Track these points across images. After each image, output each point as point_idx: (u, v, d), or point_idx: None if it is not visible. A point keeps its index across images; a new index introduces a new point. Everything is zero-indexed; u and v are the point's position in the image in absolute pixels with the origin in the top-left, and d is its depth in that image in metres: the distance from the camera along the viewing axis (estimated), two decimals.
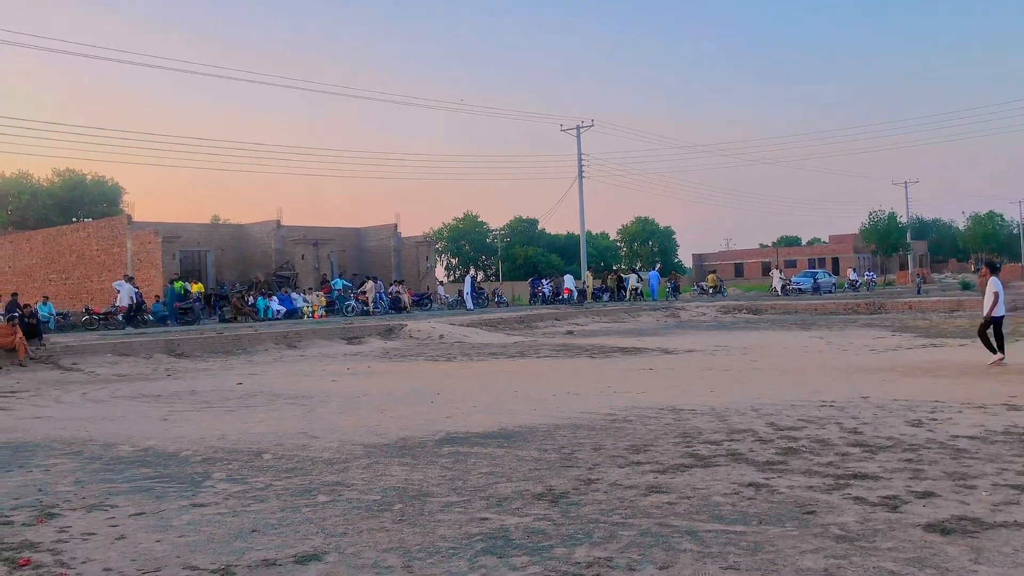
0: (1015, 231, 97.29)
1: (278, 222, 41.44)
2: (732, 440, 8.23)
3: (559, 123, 53.83)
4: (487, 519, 5.70)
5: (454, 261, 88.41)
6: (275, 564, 4.90)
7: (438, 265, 77.80)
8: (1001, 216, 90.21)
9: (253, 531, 5.62)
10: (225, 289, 35.51)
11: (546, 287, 43.84)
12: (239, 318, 30.74)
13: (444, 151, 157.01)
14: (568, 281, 43.73)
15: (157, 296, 31.54)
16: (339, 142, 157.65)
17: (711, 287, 52.13)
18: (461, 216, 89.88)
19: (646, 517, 5.60)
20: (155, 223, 37.93)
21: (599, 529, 5.36)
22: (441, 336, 24.49)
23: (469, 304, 37.97)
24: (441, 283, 45.35)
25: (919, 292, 46.93)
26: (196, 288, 32.76)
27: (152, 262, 34.74)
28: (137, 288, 29.48)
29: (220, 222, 61.70)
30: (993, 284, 14.73)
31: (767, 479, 6.56)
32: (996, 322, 14.62)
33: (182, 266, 36.66)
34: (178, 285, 31.33)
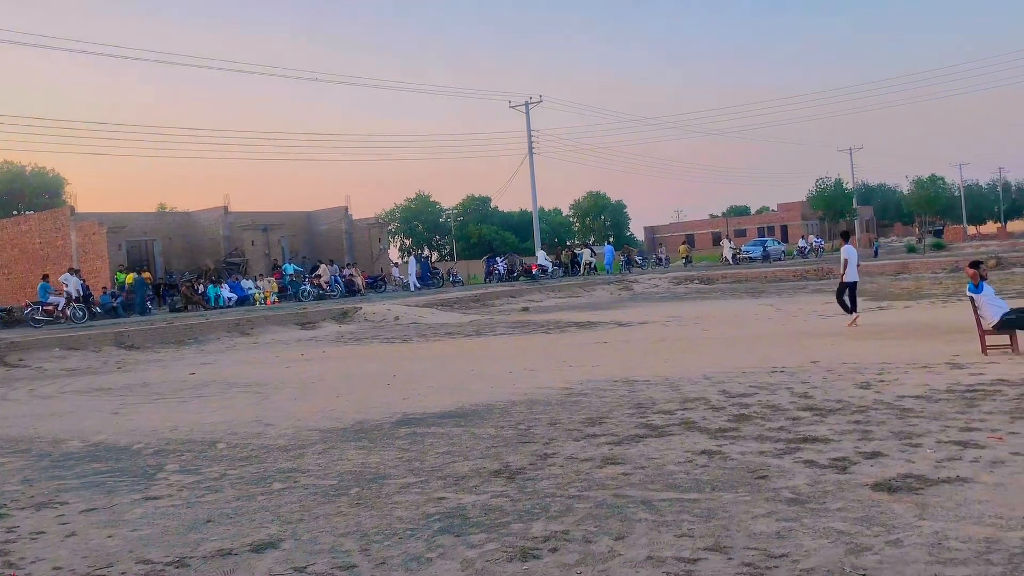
0: (957, 194, 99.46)
1: (225, 208, 40.78)
2: (685, 409, 8.33)
3: (508, 100, 53.61)
4: (444, 498, 5.70)
5: (408, 242, 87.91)
6: (231, 554, 4.86)
7: (391, 246, 77.37)
8: (943, 179, 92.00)
9: (208, 522, 5.56)
10: (174, 278, 34.92)
11: (500, 265, 43.85)
12: (189, 307, 30.29)
13: (394, 131, 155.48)
14: (540, 258, 44.73)
15: (104, 288, 30.92)
16: (286, 125, 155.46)
17: (683, 258, 53.31)
18: (413, 196, 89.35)
19: (602, 489, 5.66)
20: (99, 214, 37.09)
21: (556, 503, 5.39)
22: (396, 318, 24.38)
23: (413, 285, 37.88)
24: (395, 265, 45.09)
25: (876, 255, 47.93)
26: (143, 277, 32.18)
27: (98, 253, 33.99)
28: (83, 280, 28.87)
29: (167, 211, 60.50)
30: (844, 252, 15.95)
31: (720, 446, 6.66)
32: (850, 286, 15.61)
33: (129, 257, 35.95)
34: (125, 276, 30.73)
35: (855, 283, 15.79)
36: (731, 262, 50.42)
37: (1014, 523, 4.46)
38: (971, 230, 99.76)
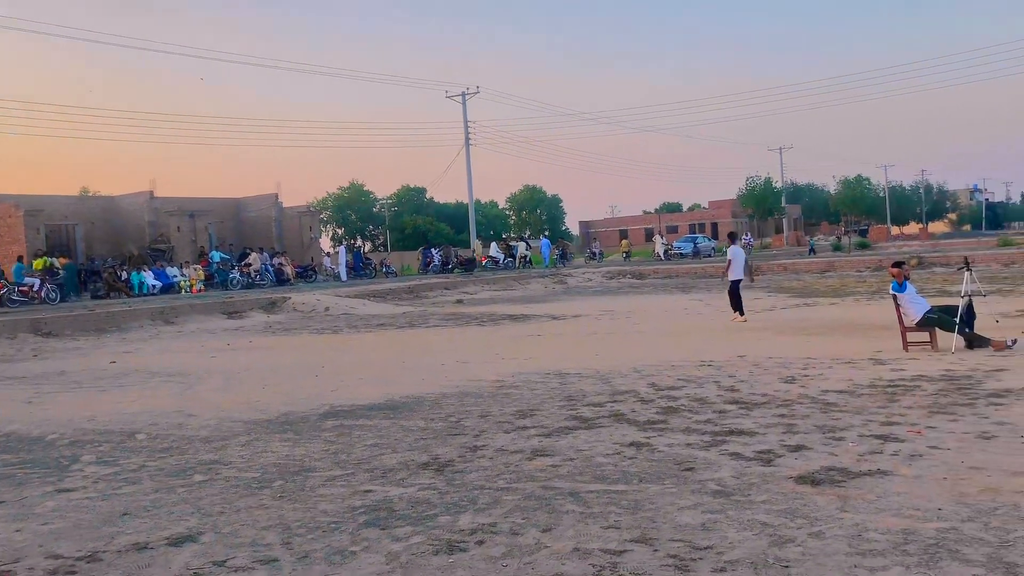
0: (882, 195, 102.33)
1: (151, 193, 39.69)
2: (615, 401, 8.36)
3: (445, 90, 53.35)
4: (371, 491, 5.61)
5: (340, 231, 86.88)
6: (147, 548, 4.69)
7: (323, 236, 76.37)
8: (868, 180, 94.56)
9: (124, 514, 5.37)
10: (96, 264, 33.85)
11: (436, 256, 43.63)
12: (112, 294, 29.40)
13: (328, 118, 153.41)
14: (492, 249, 45.53)
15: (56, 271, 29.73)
16: (214, 108, 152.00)
17: (624, 252, 54.06)
18: (346, 185, 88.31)
19: (531, 481, 5.63)
20: (16, 195, 35.75)
21: (484, 495, 5.35)
22: (327, 308, 24.05)
23: (343, 276, 37.50)
24: (327, 254, 44.53)
25: (812, 253, 49.02)
26: (58, 263, 31.17)
27: (14, 237, 32.75)
28: None
29: (89, 194, 58.60)
30: (730, 252, 16.93)
31: (648, 438, 6.69)
32: (734, 284, 16.49)
33: (48, 241, 34.74)
34: (41, 262, 29.70)
35: (739, 281, 16.58)
36: (663, 258, 51.07)
37: (930, 515, 4.56)
38: (895, 230, 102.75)
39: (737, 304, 16.41)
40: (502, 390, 9.47)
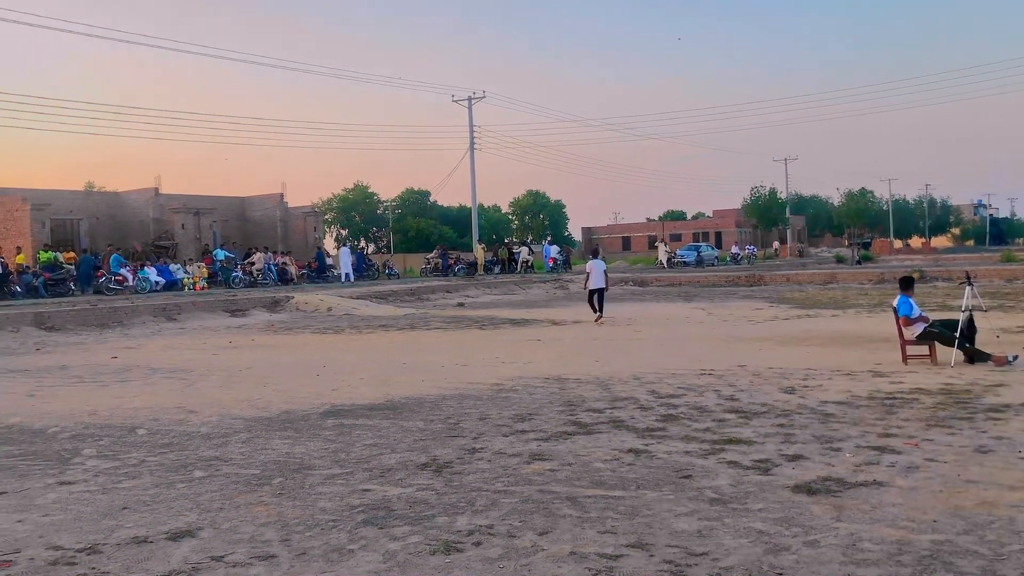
0: (885, 208, 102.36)
1: (156, 190, 39.79)
2: (614, 408, 8.39)
3: (451, 94, 53.43)
4: (369, 490, 5.64)
5: (344, 232, 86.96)
6: (146, 541, 4.73)
7: (327, 236, 76.48)
8: (872, 193, 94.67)
9: (124, 508, 5.40)
10: (99, 259, 33.92)
11: (451, 258, 43.77)
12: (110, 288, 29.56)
13: (334, 120, 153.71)
14: (525, 252, 46.22)
15: (27, 266, 29.89)
16: (223, 108, 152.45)
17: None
18: (351, 186, 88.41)
19: (528, 484, 5.66)
20: (23, 189, 35.87)
21: (481, 497, 5.38)
22: (329, 308, 24.09)
23: (345, 276, 37.60)
24: (328, 256, 44.56)
25: (858, 263, 48.40)
26: (68, 257, 31.30)
27: (20, 231, 32.87)
28: (2, 258, 27.88)
29: (95, 190, 58.71)
30: (588, 265, 19.80)
31: (647, 445, 6.72)
32: (596, 292, 19.17)
33: (53, 236, 34.83)
34: (47, 255, 29.79)
35: (602, 289, 19.29)
36: (666, 265, 51.07)
37: (924, 526, 4.59)
38: (897, 244, 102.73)
39: (595, 308, 19.02)
40: (501, 393, 9.50)
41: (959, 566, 4.01)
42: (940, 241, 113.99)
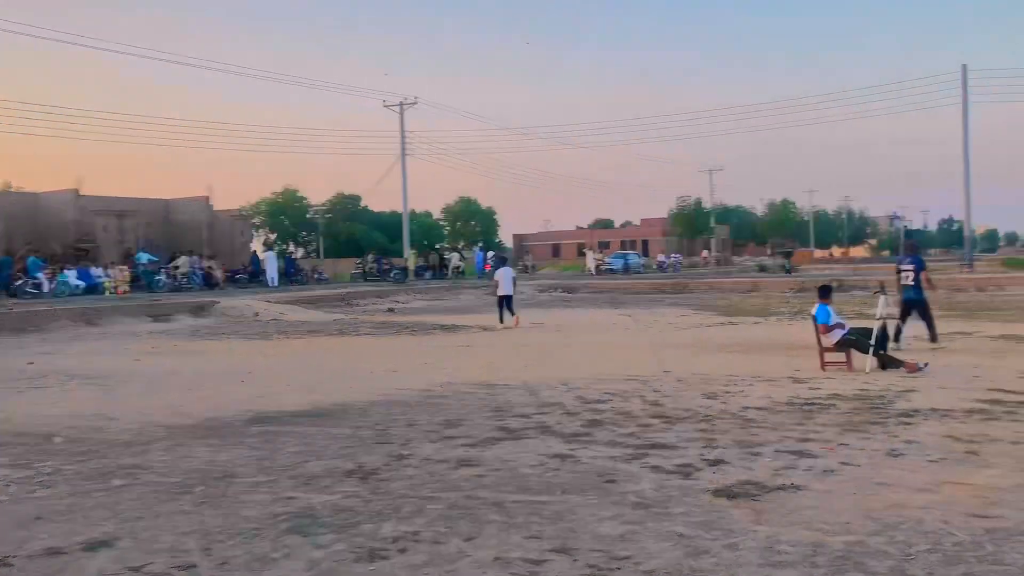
0: (806, 219, 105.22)
1: (76, 191, 38.58)
2: (542, 413, 8.46)
3: (383, 99, 53.13)
4: (294, 498, 5.58)
5: (272, 236, 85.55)
6: (60, 553, 4.60)
7: (255, 240, 75.09)
8: (794, 204, 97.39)
9: (37, 518, 5.25)
10: (14, 261, 32.74)
11: (381, 263, 43.47)
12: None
13: (263, 122, 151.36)
14: (479, 259, 47.20)
15: None
16: (149, 109, 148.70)
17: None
18: (280, 190, 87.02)
19: (455, 490, 5.67)
20: None
21: (408, 504, 5.37)
22: (256, 314, 23.71)
23: (272, 281, 37.07)
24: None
25: (789, 271, 49.28)
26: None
27: None
28: None
29: (11, 190, 56.61)
30: (497, 273, 21.04)
31: (572, 450, 6.80)
32: (505, 299, 19.98)
33: None
34: None
35: (509, 296, 20.01)
36: (594, 273, 51.60)
37: (839, 528, 4.75)
38: (818, 253, 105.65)
39: (502, 315, 19.68)
40: (430, 399, 9.49)
41: (870, 566, 4.17)
42: (858, 251, 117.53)
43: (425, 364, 12.87)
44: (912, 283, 13.96)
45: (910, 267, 14.10)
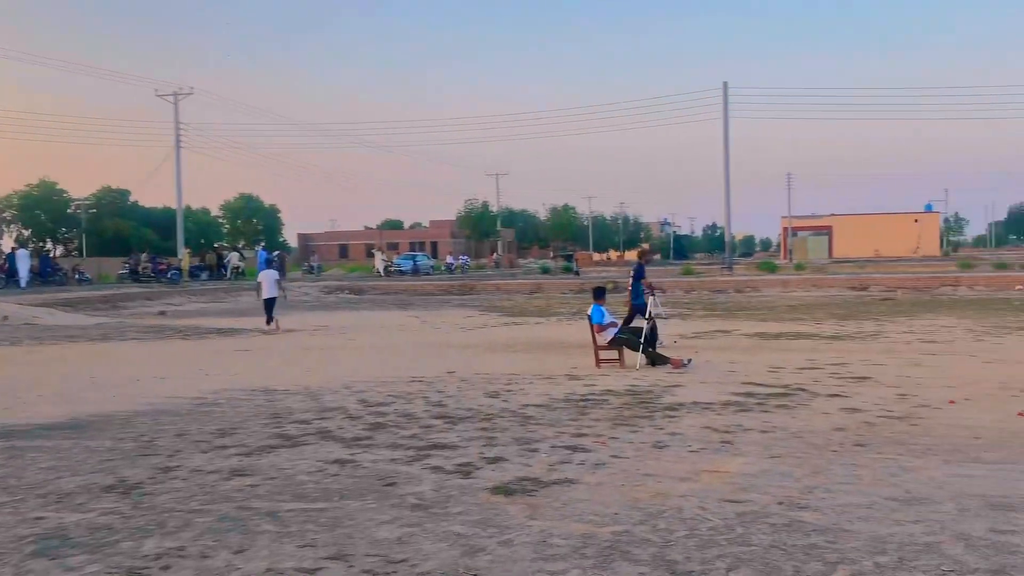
0: (586, 223, 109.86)
1: None
2: (322, 418, 8.27)
3: (155, 88, 50.15)
4: (43, 518, 5.11)
5: (26, 232, 78.38)
6: None
7: (7, 236, 68.79)
8: (574, 209, 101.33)
9: None
10: None
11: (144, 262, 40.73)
12: None
13: (15, 107, 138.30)
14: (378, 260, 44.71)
15: None
16: None
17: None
18: (35, 182, 79.87)
19: (226, 502, 5.41)
20: None
21: (174, 518, 5.06)
22: (5, 317, 21.59)
23: (24, 281, 34.06)
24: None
25: (577, 273, 50.21)
26: None
27: None
28: None
29: None
30: (260, 276, 20.91)
31: (353, 455, 6.68)
32: (269, 301, 19.62)
33: None
34: None
35: (274, 298, 19.74)
36: (382, 274, 51.28)
37: (607, 519, 4.95)
38: (596, 256, 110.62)
39: (270, 316, 19.38)
40: (202, 407, 9.02)
41: (634, 554, 4.37)
42: (633, 255, 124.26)
43: (198, 370, 12.23)
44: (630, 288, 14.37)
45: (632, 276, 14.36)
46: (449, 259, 65.94)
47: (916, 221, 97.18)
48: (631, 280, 14.27)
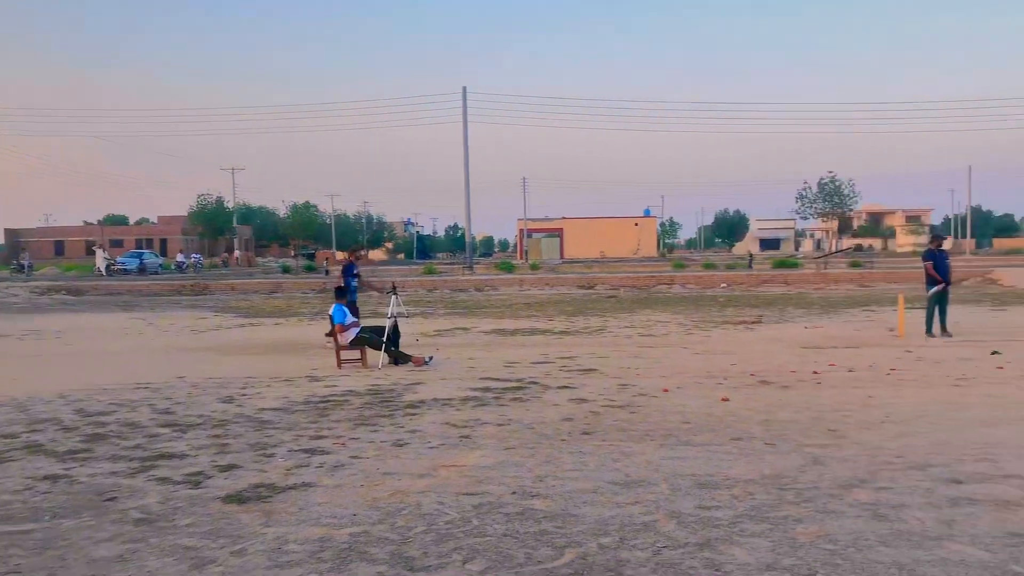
0: (328, 221, 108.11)
1: None
2: (32, 432, 7.53)
3: None
4: None
5: None
6: None
7: None
8: (316, 207, 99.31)
9: None
10: None
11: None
12: None
13: None
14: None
15: None
16: None
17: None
18: None
19: None
20: None
21: None
22: None
23: None
24: None
25: (327, 272, 48.36)
26: None
27: None
28: None
29: None
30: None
31: (67, 469, 6.15)
32: None
33: None
34: None
35: None
36: (104, 273, 47.49)
37: (345, 521, 4.92)
38: (339, 255, 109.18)
39: None
40: None
41: (372, 554, 4.38)
42: (377, 254, 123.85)
43: None
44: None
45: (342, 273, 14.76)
46: (180, 257, 62.37)
47: (636, 225, 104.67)
48: (342, 277, 14.53)
